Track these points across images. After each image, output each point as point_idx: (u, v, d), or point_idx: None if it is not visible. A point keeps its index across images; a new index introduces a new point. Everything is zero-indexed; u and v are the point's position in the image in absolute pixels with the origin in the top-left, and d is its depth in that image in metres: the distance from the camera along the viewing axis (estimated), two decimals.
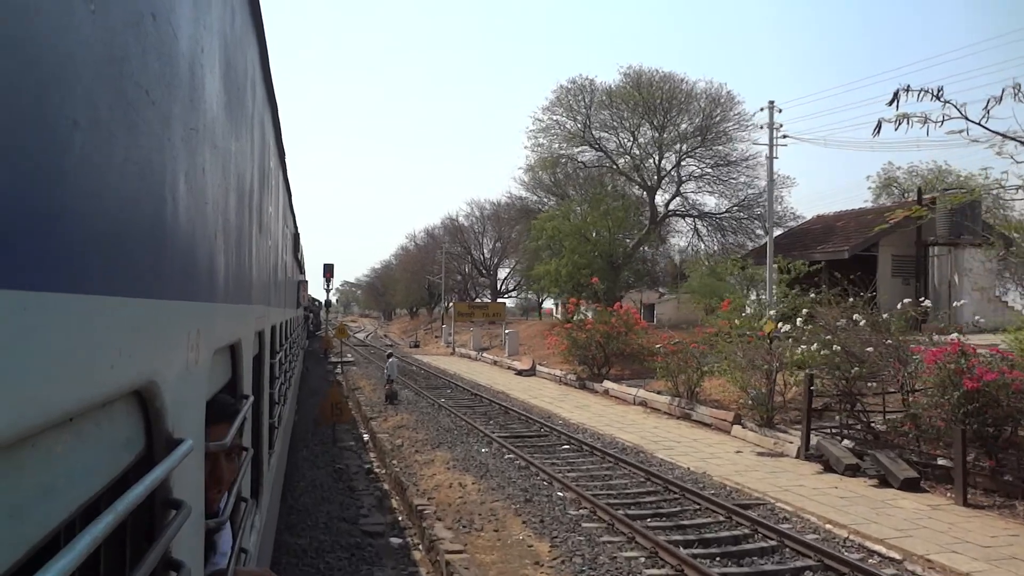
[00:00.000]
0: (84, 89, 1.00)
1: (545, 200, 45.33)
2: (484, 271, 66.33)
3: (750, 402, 15.66)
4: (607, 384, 24.01)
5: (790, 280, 20.29)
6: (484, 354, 40.19)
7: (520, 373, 31.23)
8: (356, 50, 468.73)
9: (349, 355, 42.20)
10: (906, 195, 40.45)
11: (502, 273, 66.34)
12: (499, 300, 59.34)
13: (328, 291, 37.69)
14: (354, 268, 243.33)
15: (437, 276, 65.20)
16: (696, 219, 37.10)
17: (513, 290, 65.57)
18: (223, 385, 2.71)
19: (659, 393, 20.27)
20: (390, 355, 23.70)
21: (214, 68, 2.13)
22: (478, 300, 59.31)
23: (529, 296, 67.54)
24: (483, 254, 66.77)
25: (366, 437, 17.83)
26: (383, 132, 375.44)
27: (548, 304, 69.80)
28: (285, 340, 8.40)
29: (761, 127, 22.77)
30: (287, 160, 8.03)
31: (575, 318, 27.24)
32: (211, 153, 2.08)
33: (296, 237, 13.80)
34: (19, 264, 0.81)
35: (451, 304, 69.15)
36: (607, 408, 20.84)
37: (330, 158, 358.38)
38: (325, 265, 36.08)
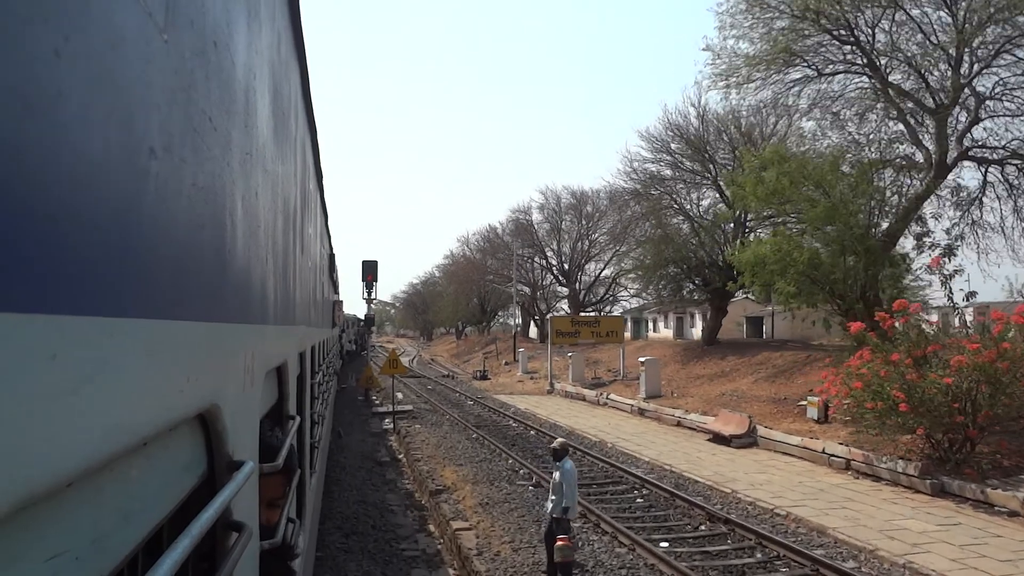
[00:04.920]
0: (160, 117, 1.08)
1: (683, 164, 30.99)
2: (563, 278, 52.05)
3: None
4: None
5: None
6: (610, 395, 28.56)
7: (725, 441, 18.93)
8: (384, 49, 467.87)
9: (399, 395, 28.99)
10: None
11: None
12: (582, 313, 44.92)
13: (369, 300, 28.27)
14: (387, 285, 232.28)
15: (507, 284, 51.93)
16: (1000, 165, 21.87)
17: (599, 301, 51.15)
18: (271, 406, 2.84)
19: None
20: (560, 452, 8.37)
21: (264, 94, 2.27)
22: (571, 314, 44.84)
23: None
24: (560, 256, 52.41)
25: None
26: (416, 144, 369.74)
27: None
28: (323, 360, 8.87)
29: None
30: (324, 182, 8.60)
31: (898, 338, 12.38)
32: (262, 177, 2.21)
33: (331, 258, 14.06)
34: (104, 291, 0.87)
35: (511, 316, 56.15)
36: None
37: (358, 173, 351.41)
38: (364, 263, 26.95)
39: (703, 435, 19.90)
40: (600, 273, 54.20)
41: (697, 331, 51.36)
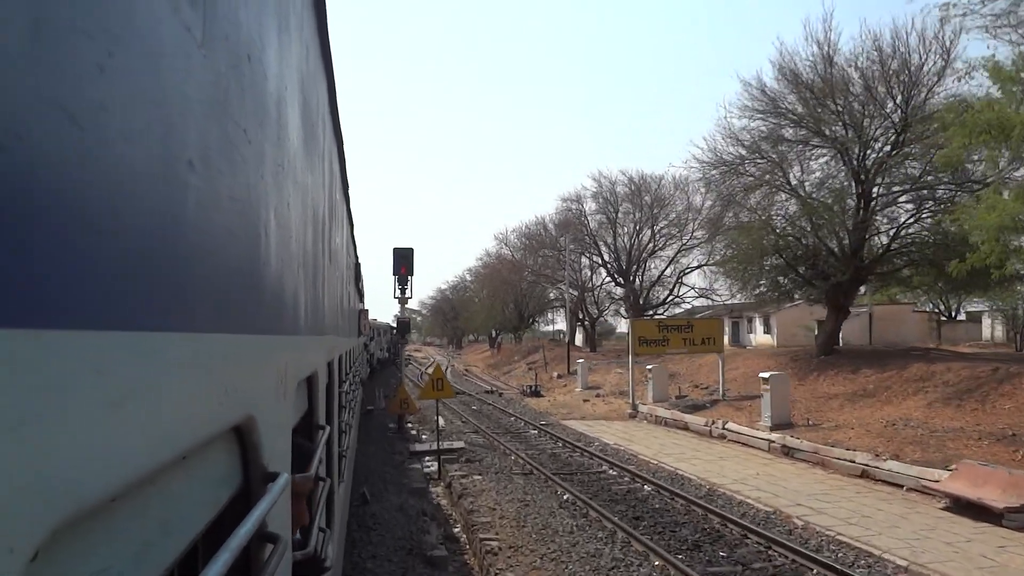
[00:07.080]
0: (198, 129, 1.07)
1: (802, 122, 24.66)
2: (619, 277, 45.83)
3: None
4: None
5: None
6: (727, 424, 21.50)
7: (987, 515, 11.51)
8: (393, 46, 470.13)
9: (440, 420, 22.00)
10: None
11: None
12: (643, 315, 38.60)
13: (404, 300, 21.87)
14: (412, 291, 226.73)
15: (551, 286, 45.86)
16: None
17: (662, 303, 44.59)
18: (301, 416, 2.79)
19: None
20: None
21: (295, 105, 2.25)
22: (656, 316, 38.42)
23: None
24: (615, 252, 46.01)
25: None
26: (416, 144, 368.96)
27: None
28: (350, 369, 8.83)
29: None
30: (350, 191, 8.51)
31: None
32: (293, 188, 2.20)
33: (357, 267, 13.95)
34: (147, 305, 0.86)
35: (549, 321, 50.35)
36: None
37: (358, 174, 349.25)
38: (397, 252, 21.09)
39: (927, 497, 12.96)
40: (664, 270, 47.54)
41: (756, 337, 45.17)
